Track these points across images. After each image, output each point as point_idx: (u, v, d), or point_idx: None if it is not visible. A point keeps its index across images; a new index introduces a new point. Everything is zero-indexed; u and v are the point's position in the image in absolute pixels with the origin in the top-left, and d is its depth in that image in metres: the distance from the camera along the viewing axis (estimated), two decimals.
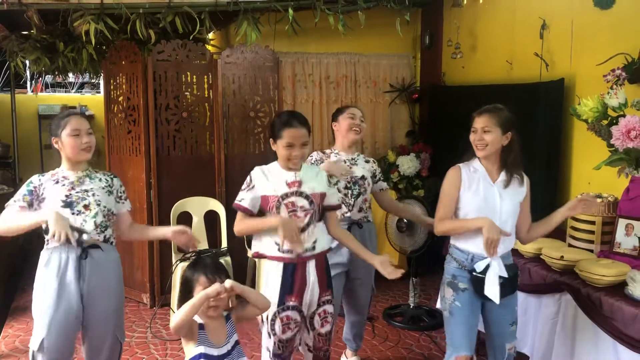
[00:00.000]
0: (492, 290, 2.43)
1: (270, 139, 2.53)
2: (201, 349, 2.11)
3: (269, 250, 2.47)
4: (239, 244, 4.23)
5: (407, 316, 4.12)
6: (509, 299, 2.54)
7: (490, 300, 2.47)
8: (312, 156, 3.13)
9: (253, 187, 2.48)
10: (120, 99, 4.53)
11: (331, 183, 2.63)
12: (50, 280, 2.41)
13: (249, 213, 2.47)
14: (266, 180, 2.47)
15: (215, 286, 2.06)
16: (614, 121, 2.99)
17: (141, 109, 4.28)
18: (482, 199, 2.48)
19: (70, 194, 2.45)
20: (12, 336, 3.91)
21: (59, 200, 2.43)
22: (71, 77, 7.99)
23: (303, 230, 2.43)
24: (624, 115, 2.93)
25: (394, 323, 4.10)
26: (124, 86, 4.48)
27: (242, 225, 2.50)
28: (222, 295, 2.07)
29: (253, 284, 4.03)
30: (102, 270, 2.49)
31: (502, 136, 2.46)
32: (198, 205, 4.33)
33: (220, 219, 4.35)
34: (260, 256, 2.52)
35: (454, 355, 2.55)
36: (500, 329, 2.60)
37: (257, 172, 2.51)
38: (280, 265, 2.45)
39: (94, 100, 7.81)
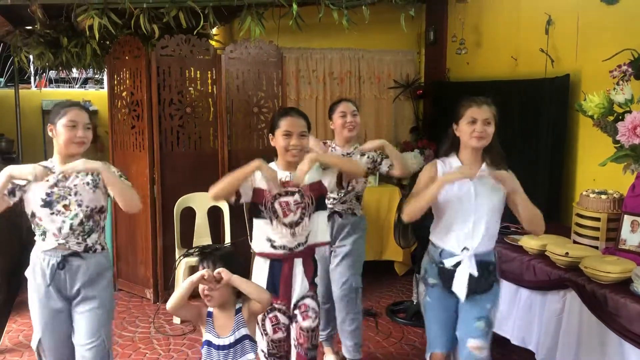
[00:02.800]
0: (459, 287, 2.40)
1: (270, 135, 2.51)
2: (207, 336, 2.17)
3: (261, 247, 2.46)
4: (243, 240, 4.21)
5: (411, 312, 4.11)
6: (479, 297, 2.45)
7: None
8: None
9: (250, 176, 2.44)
10: (124, 94, 4.53)
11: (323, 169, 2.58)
12: (36, 283, 2.41)
13: (238, 197, 2.42)
14: (263, 176, 2.43)
15: (200, 272, 2.07)
16: (620, 117, 2.97)
17: (145, 104, 4.28)
18: (456, 195, 2.43)
19: (51, 192, 2.37)
20: (16, 331, 3.92)
21: (39, 199, 2.37)
22: (75, 73, 7.99)
23: (297, 224, 2.42)
24: (630, 112, 2.91)
25: (397, 319, 4.09)
26: (127, 81, 4.48)
27: (217, 185, 2.39)
28: (208, 282, 2.06)
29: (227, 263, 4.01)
30: (84, 278, 2.42)
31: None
32: (201, 201, 4.33)
33: (224, 215, 4.34)
34: (258, 254, 2.50)
35: (429, 352, 2.54)
36: (463, 321, 2.49)
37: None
38: (267, 263, 2.45)
39: (97, 96, 7.81)
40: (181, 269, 4.04)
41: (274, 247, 2.43)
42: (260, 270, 2.48)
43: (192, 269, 4.34)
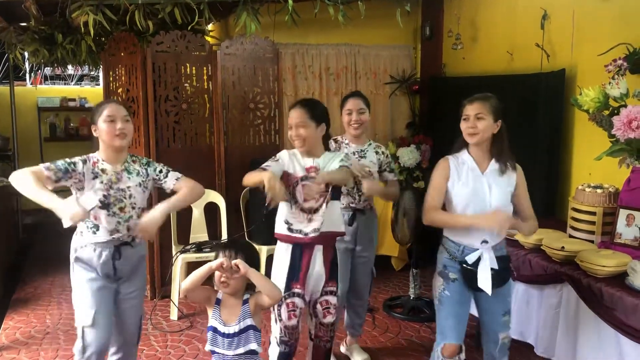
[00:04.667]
0: (484, 282, 2.45)
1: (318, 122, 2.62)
2: (212, 322, 2.24)
3: (279, 229, 2.58)
4: (239, 236, 4.22)
5: (407, 307, 4.12)
6: (501, 290, 2.54)
7: (481, 291, 2.48)
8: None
9: (278, 160, 2.57)
10: (120, 90, 4.51)
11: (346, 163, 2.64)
12: (86, 270, 2.51)
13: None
14: (290, 161, 2.57)
15: (220, 259, 2.15)
16: (615, 111, 2.98)
17: (140, 101, 4.26)
18: (471, 189, 2.48)
19: (108, 194, 2.48)
20: (12, 328, 3.92)
21: (97, 200, 2.45)
22: (70, 69, 7.96)
23: (315, 211, 2.52)
24: (625, 106, 2.92)
25: (394, 314, 4.10)
26: (123, 78, 4.47)
27: (248, 176, 2.52)
28: (225, 270, 2.14)
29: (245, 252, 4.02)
30: (131, 264, 2.60)
31: (494, 124, 2.46)
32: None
33: (220, 211, 4.34)
34: (277, 237, 2.61)
35: (442, 343, 2.58)
36: (492, 319, 2.61)
37: (284, 152, 2.63)
38: (289, 248, 2.54)
39: (93, 93, 7.77)
40: (178, 265, 4.04)
41: (290, 230, 2.54)
42: (282, 255, 2.58)
43: (189, 265, 4.34)
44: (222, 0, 4.14)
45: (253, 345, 2.21)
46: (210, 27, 5.96)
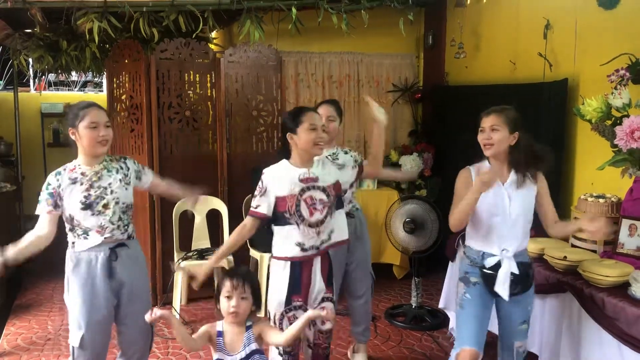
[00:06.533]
0: (502, 286, 2.47)
1: (288, 134, 2.50)
2: (217, 355, 2.22)
3: (290, 252, 2.48)
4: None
5: (410, 316, 4.11)
6: (521, 297, 2.55)
7: (501, 297, 2.50)
8: None
9: (266, 191, 2.47)
10: (123, 97, 4.53)
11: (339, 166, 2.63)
12: (82, 281, 2.48)
13: (266, 219, 2.49)
14: (279, 181, 2.46)
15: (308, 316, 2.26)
16: (618, 121, 2.98)
17: (144, 108, 4.28)
18: (492, 200, 2.49)
19: (88, 194, 2.46)
20: (14, 334, 3.92)
21: (78, 202, 2.44)
22: (74, 76, 7.98)
23: (322, 223, 2.47)
24: (627, 116, 2.92)
25: (396, 323, 4.09)
26: (126, 85, 4.48)
27: (232, 235, 2.57)
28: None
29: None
30: (131, 265, 2.57)
31: (510, 135, 2.47)
32: (200, 204, 4.32)
33: (223, 218, 4.34)
34: (285, 259, 2.51)
35: (459, 348, 2.56)
36: (509, 327, 2.61)
37: (267, 176, 2.49)
38: (287, 266, 2.48)
39: (96, 99, 7.59)
40: (179, 272, 4.04)
41: (304, 250, 2.47)
42: (280, 273, 2.50)
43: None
44: (226, 8, 4.17)
45: None
46: (214, 34, 5.98)
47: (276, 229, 2.52)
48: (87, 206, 2.45)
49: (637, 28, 3.42)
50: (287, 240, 2.48)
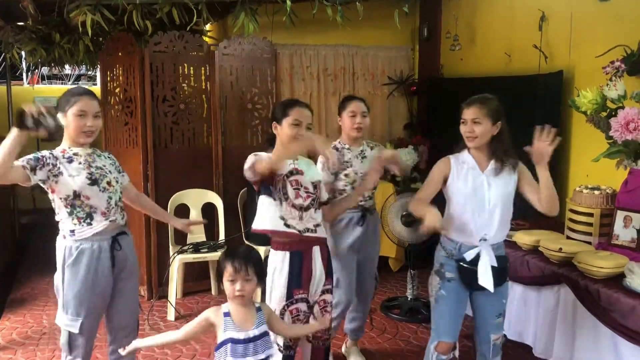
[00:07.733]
0: (485, 279, 2.44)
1: (273, 123, 2.51)
2: (228, 334, 2.13)
3: (274, 225, 2.44)
4: (237, 236, 4.22)
5: (405, 308, 4.12)
6: (497, 291, 2.51)
7: (477, 290, 2.49)
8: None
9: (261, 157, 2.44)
10: (117, 90, 4.50)
11: (329, 173, 2.63)
12: (83, 273, 2.42)
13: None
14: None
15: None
16: (613, 113, 2.99)
17: (138, 101, 4.26)
18: (471, 188, 2.48)
19: (91, 172, 2.40)
20: (9, 328, 3.91)
21: (84, 178, 2.37)
22: (67, 69, 7.94)
23: (306, 209, 2.46)
24: (622, 107, 2.93)
25: (391, 315, 4.10)
26: (120, 78, 4.46)
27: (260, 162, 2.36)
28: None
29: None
30: (128, 252, 2.57)
31: (492, 126, 2.45)
32: (195, 198, 4.32)
33: (218, 212, 4.34)
34: (263, 232, 2.49)
35: (436, 340, 2.60)
36: (485, 320, 2.59)
37: (263, 153, 2.48)
38: (287, 257, 2.46)
39: None
40: (175, 265, 4.03)
41: (287, 225, 2.44)
42: (281, 265, 2.48)
43: (186, 266, 4.34)
44: (220, 0, 4.14)
45: (272, 351, 2.18)
46: (208, 27, 5.96)
47: (262, 199, 2.49)
48: (94, 181, 2.39)
49: (632, 20, 3.42)
50: (271, 213, 2.44)
